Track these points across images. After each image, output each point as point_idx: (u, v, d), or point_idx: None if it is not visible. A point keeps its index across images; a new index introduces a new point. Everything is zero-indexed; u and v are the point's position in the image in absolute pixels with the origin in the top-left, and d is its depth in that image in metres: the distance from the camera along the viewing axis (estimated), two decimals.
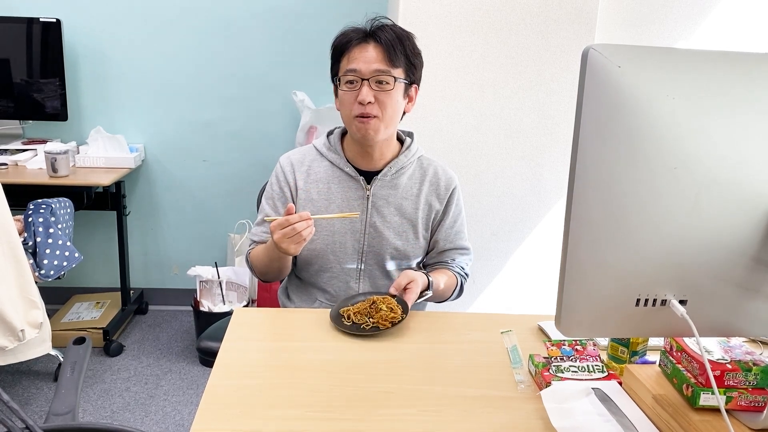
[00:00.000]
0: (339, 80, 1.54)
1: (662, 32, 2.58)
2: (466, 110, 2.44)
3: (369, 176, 1.61)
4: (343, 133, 1.67)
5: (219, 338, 1.45)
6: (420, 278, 1.50)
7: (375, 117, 1.49)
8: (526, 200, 2.54)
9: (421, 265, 1.73)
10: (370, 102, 1.48)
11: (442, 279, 1.62)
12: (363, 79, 1.48)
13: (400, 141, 1.67)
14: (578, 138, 0.81)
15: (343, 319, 1.40)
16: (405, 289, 1.48)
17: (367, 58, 1.48)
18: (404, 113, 1.60)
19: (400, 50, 1.50)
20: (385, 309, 1.39)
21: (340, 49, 1.54)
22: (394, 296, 1.47)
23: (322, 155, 1.64)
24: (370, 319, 1.37)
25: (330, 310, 1.44)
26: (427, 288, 1.53)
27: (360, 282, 1.63)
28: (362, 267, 1.62)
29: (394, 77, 1.49)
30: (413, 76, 1.55)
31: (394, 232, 1.61)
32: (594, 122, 0.81)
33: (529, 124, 2.46)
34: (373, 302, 1.42)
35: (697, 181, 0.83)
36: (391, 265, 1.63)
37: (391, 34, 1.50)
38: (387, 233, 1.60)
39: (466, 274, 1.73)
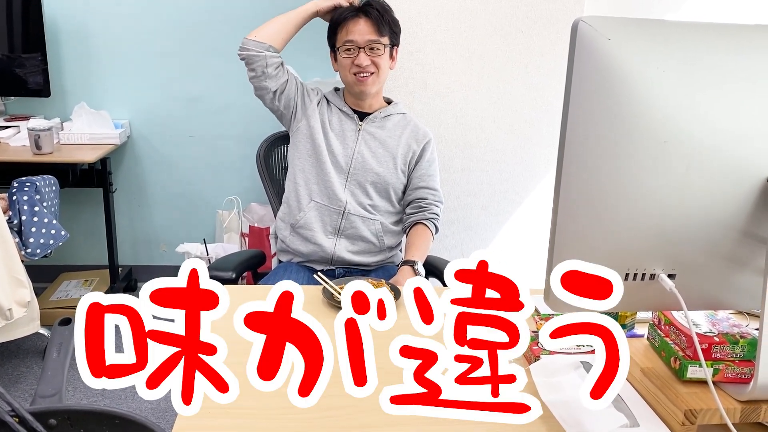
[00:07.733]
0: (338, 49, 1.92)
1: (652, 4, 2.56)
2: (454, 83, 2.42)
3: (362, 118, 2.01)
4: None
5: (225, 268, 1.84)
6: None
7: (372, 74, 1.91)
8: (515, 174, 2.54)
9: (400, 201, 2.03)
10: (366, 65, 1.89)
11: (424, 249, 1.94)
12: (359, 48, 1.89)
13: (388, 102, 2.08)
14: (567, 111, 0.80)
15: (334, 296, 1.40)
16: None
17: (360, 30, 1.89)
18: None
19: (385, 22, 1.91)
20: None
21: (337, 22, 1.93)
22: (389, 283, 1.51)
23: (329, 101, 2.04)
24: None
25: (322, 287, 1.45)
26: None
27: (345, 191, 1.95)
28: (346, 186, 1.96)
29: (383, 44, 1.91)
30: (395, 40, 1.97)
31: (376, 161, 1.97)
32: (583, 95, 0.80)
33: (518, 97, 2.45)
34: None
35: (686, 155, 0.83)
36: (371, 189, 1.97)
37: (376, 9, 1.91)
38: (370, 160, 1.97)
39: (437, 216, 2.01)
